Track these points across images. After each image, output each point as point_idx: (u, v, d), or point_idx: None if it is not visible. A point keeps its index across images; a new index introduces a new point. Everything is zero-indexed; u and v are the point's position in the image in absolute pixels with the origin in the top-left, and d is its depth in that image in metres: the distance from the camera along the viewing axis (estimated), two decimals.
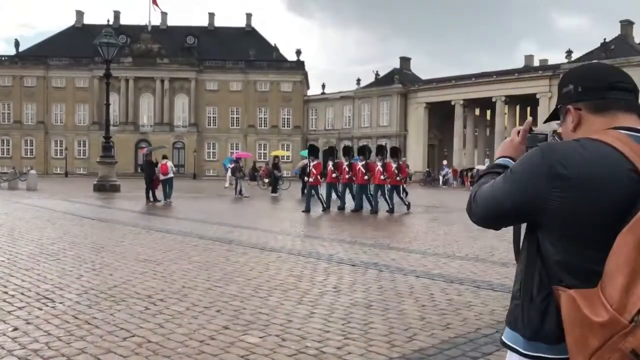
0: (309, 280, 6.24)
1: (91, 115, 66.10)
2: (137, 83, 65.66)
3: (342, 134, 65.92)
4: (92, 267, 6.83)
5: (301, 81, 68.50)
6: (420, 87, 60.24)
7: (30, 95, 66.01)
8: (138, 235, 9.79)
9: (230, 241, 9.29)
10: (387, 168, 15.57)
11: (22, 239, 9.11)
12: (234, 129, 67.88)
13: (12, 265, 6.81)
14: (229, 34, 72.57)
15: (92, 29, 69.53)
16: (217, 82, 67.30)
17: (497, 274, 6.74)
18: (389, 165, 15.76)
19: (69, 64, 66.11)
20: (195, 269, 6.75)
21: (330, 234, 10.48)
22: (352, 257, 7.76)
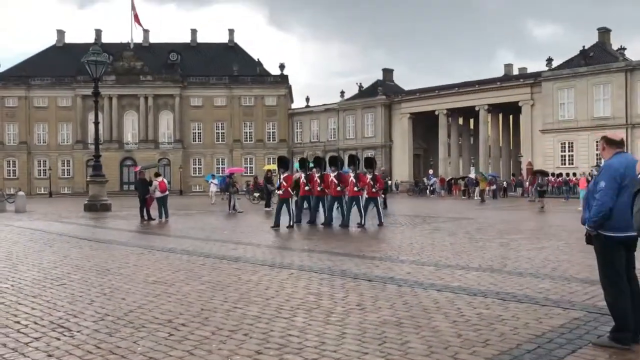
0: (329, 297, 6.09)
1: (74, 134, 65.36)
2: (120, 101, 65.15)
3: (327, 146, 65.93)
4: (101, 291, 6.61)
5: (285, 95, 68.57)
6: (404, 97, 60.56)
7: (12, 116, 65.14)
8: (141, 256, 9.56)
9: (237, 259, 9.10)
10: (360, 179, 14.79)
11: (22, 263, 8.84)
12: (220, 144, 67.62)
13: (18, 293, 6.57)
14: (212, 49, 72.53)
15: (73, 48, 69.09)
16: (202, 97, 67.10)
17: (517, 285, 6.65)
18: (362, 176, 15.03)
19: (51, 84, 65.44)
20: (210, 290, 6.57)
21: (335, 248, 10.33)
22: (365, 272, 7.63)
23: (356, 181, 14.65)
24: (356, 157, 16.11)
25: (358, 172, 15.18)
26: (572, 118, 46.22)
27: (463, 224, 15.62)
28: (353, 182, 14.65)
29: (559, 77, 46.91)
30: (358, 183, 14.63)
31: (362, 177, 14.92)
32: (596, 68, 44.88)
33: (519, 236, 12.16)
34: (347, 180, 14.93)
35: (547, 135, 47.50)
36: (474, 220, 17.13)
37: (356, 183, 14.62)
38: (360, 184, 14.66)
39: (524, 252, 9.47)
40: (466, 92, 54.19)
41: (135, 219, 18.25)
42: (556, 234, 12.69)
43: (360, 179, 14.75)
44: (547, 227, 14.43)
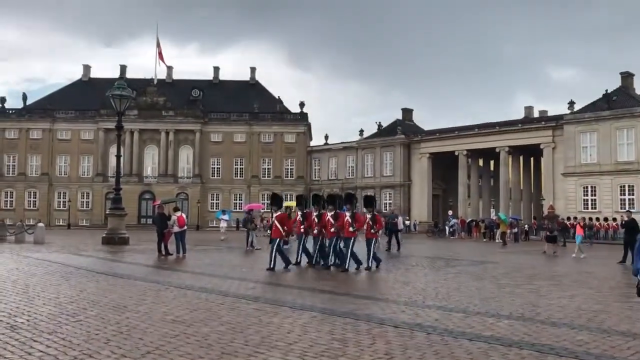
0: (355, 344, 5.79)
1: (95, 167, 66.18)
2: (142, 135, 66.06)
3: (345, 184, 65.78)
4: (118, 329, 6.39)
5: (304, 132, 69.01)
6: (423, 137, 60.49)
7: (36, 148, 66.30)
8: (159, 293, 9.34)
9: (256, 298, 8.84)
10: (357, 218, 13.83)
11: (38, 297, 8.67)
12: (238, 180, 67.90)
13: (33, 329, 6.37)
14: (233, 86, 73.68)
15: (98, 82, 70.69)
16: (222, 133, 67.79)
17: (552, 336, 6.29)
18: (359, 216, 14.11)
19: (74, 117, 66.75)
20: (230, 332, 6.31)
21: (358, 291, 10.02)
22: (391, 317, 7.31)
23: (352, 221, 13.71)
24: (354, 195, 15.26)
25: (355, 212, 14.12)
26: (594, 162, 45.61)
27: (488, 267, 15.20)
28: (348, 222, 13.71)
29: (581, 120, 46.54)
30: (354, 223, 13.71)
31: (358, 216, 14.02)
32: (619, 112, 44.47)
33: (547, 282, 11.73)
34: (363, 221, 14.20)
35: (569, 178, 46.86)
36: (498, 264, 16.68)
37: (352, 223, 13.69)
38: (357, 224, 13.76)
39: (555, 300, 9.07)
40: (486, 133, 53.97)
41: (153, 254, 18.10)
42: (586, 281, 12.23)
43: (357, 219, 13.85)
44: (576, 274, 13.94)
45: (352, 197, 14.63)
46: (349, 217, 13.70)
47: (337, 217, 13.91)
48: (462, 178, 56.62)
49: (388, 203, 62.21)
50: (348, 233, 13.68)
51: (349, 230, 13.65)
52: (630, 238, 17.27)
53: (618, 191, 44.32)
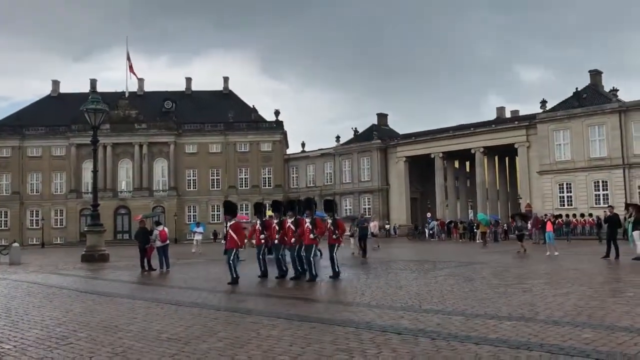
0: (361, 354, 5.63)
1: (68, 184, 64.94)
2: (115, 149, 65.08)
3: (323, 190, 65.72)
4: (112, 351, 6.12)
5: (280, 140, 68.82)
6: (399, 141, 60.82)
7: (5, 166, 64.80)
8: (149, 310, 9.05)
9: (249, 311, 8.62)
10: (317, 225, 12.98)
11: (22, 321, 8.31)
12: (215, 191, 67.30)
13: (22, 355, 6.06)
14: (206, 97, 73.20)
15: (68, 97, 69.55)
16: (196, 144, 67.21)
17: (558, 335, 6.22)
18: (319, 221, 13.26)
19: (45, 133, 65.47)
20: (229, 348, 6.09)
21: (351, 297, 9.86)
22: (392, 324, 7.17)
23: (312, 227, 12.85)
24: (312, 200, 14.18)
25: (315, 217, 13.20)
26: (569, 159, 46.37)
27: (476, 268, 15.18)
28: (309, 228, 12.86)
29: (554, 118, 47.31)
30: (314, 229, 12.86)
31: (319, 222, 13.16)
32: (590, 109, 45.35)
33: (538, 281, 11.74)
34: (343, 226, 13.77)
35: (545, 176, 47.54)
36: (485, 264, 16.70)
37: (312, 229, 12.83)
38: (317, 230, 12.93)
39: (550, 299, 9.05)
40: (461, 135, 54.52)
41: (136, 270, 17.69)
42: (576, 278, 12.28)
43: (317, 225, 12.98)
44: (564, 271, 14.00)
45: (311, 202, 13.63)
46: (309, 224, 12.91)
47: (297, 223, 13.20)
48: (439, 180, 57.03)
49: (367, 208, 62.32)
50: (308, 240, 12.90)
51: (309, 237, 12.87)
52: (613, 233, 17.50)
53: (592, 187, 45.09)
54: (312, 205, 13.41)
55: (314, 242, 12.94)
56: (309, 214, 13.10)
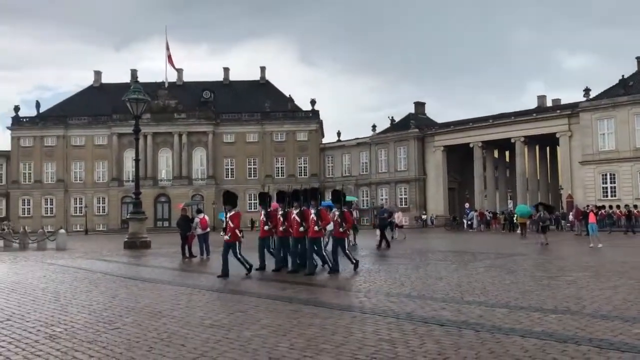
0: (404, 345, 5.60)
1: (110, 172, 66.58)
2: (155, 138, 66.35)
3: (359, 180, 65.66)
4: (158, 336, 6.25)
5: (316, 130, 68.90)
6: (437, 130, 60.08)
7: (51, 155, 66.86)
8: (191, 297, 9.21)
9: (290, 299, 8.69)
10: (323, 216, 12.30)
11: (70, 305, 8.57)
12: (252, 180, 67.94)
13: (72, 338, 6.24)
14: (244, 87, 73.74)
15: (109, 87, 71.11)
16: (234, 134, 67.90)
17: (607, 330, 6.06)
18: (325, 213, 12.53)
19: (87, 123, 67.20)
20: (272, 335, 6.15)
21: (391, 287, 9.82)
22: (434, 315, 7.12)
23: (317, 219, 12.15)
24: (318, 190, 13.39)
25: (320, 209, 12.50)
26: (613, 149, 45.01)
27: (517, 260, 14.93)
28: (314, 220, 12.16)
29: (597, 107, 45.93)
30: (320, 221, 12.16)
31: (324, 214, 12.46)
32: (637, 97, 43.81)
33: (583, 274, 11.46)
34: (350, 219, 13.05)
35: (587, 166, 46.28)
36: (526, 256, 16.40)
37: (317, 221, 12.13)
38: (323, 222, 12.25)
39: (597, 292, 8.82)
40: (501, 124, 53.47)
41: (177, 257, 18.03)
42: (624, 271, 11.93)
43: (323, 217, 12.31)
44: (609, 264, 13.64)
45: (316, 192, 12.91)
46: (314, 215, 12.20)
47: (303, 215, 12.47)
48: (478, 170, 56.19)
49: (403, 198, 61.98)
50: (313, 233, 12.19)
51: (314, 229, 12.16)
52: None
53: (638, 178, 43.69)
54: (317, 195, 12.74)
55: (320, 235, 12.37)
56: (314, 204, 12.43)
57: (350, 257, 12.81)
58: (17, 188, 66.26)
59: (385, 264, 14.41)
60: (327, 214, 12.56)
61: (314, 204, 12.43)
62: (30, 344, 5.93)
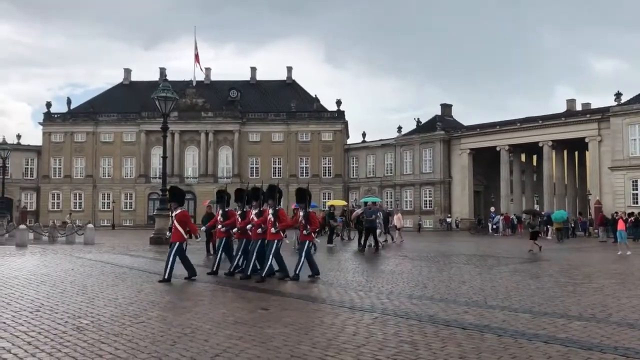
0: (426, 347, 5.61)
1: (138, 168, 67.55)
2: (182, 136, 67.14)
3: (384, 181, 65.45)
4: (182, 331, 6.35)
5: (341, 130, 68.91)
6: (464, 133, 59.53)
7: (80, 150, 68.15)
8: (215, 293, 9.33)
9: (313, 299, 8.74)
10: (281, 218, 11.19)
11: (97, 298, 8.75)
12: (276, 179, 68.09)
13: (98, 330, 6.39)
14: (270, 86, 74.13)
15: (138, 85, 72.18)
16: (260, 133, 68.33)
17: (634, 339, 5.98)
18: (284, 214, 11.46)
19: (116, 119, 68.31)
20: (294, 334, 6.20)
21: (414, 290, 9.79)
22: (456, 318, 7.09)
23: (274, 220, 11.10)
24: (277, 188, 11.81)
25: (278, 209, 11.35)
26: None
27: (542, 265, 14.76)
28: (271, 221, 11.11)
29: (629, 112, 44.97)
30: (277, 223, 11.09)
31: (283, 215, 11.32)
32: None
33: (609, 281, 11.27)
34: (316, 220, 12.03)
35: (617, 172, 45.34)
36: (551, 261, 16.19)
37: (274, 223, 11.07)
38: (281, 224, 11.14)
39: (624, 300, 8.68)
40: (529, 127, 52.72)
41: (202, 253, 18.23)
42: None
43: (281, 218, 11.19)
44: (638, 272, 13.38)
45: (274, 190, 11.56)
46: (271, 215, 11.14)
47: (261, 215, 11.48)
48: (504, 174, 55.51)
49: (428, 200, 61.60)
50: (270, 235, 11.13)
51: (271, 231, 11.10)
52: None
53: None
54: (275, 193, 11.44)
55: (278, 237, 11.17)
56: (271, 204, 11.35)
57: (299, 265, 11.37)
58: (47, 182, 67.69)
59: (408, 266, 14.36)
60: (286, 216, 11.44)
61: (271, 204, 11.33)
62: (58, 334, 6.09)
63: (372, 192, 62.63)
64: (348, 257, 17.80)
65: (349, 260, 16.67)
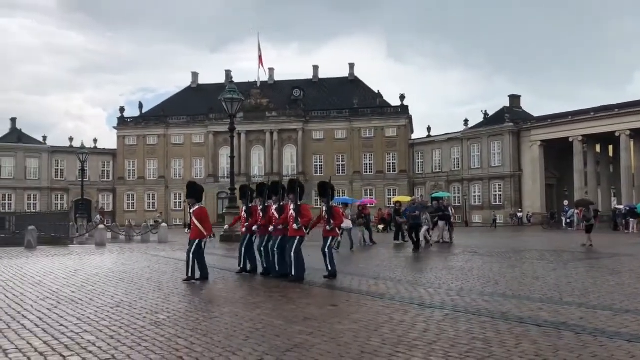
0: (499, 344, 5.46)
1: (206, 169, 69.58)
2: (248, 136, 68.57)
3: (450, 176, 64.28)
4: (254, 326, 6.48)
5: (405, 125, 68.24)
6: (534, 124, 57.55)
7: (152, 153, 70.96)
8: (284, 290, 9.47)
9: (382, 295, 8.70)
10: (303, 212, 10.47)
11: (172, 294, 9.06)
12: (340, 176, 68.35)
13: (175, 325, 6.61)
14: (333, 84, 74.39)
15: (206, 88, 74.26)
16: (323, 131, 68.74)
17: None
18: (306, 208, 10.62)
19: (186, 122, 70.67)
20: (364, 330, 6.20)
21: (485, 287, 9.57)
22: (530, 315, 6.87)
23: (296, 215, 10.43)
24: (297, 182, 11.03)
25: (300, 204, 10.59)
26: None
27: (623, 261, 14.04)
28: (293, 216, 10.46)
29: None
30: (299, 218, 10.42)
31: (305, 209, 10.58)
32: None
33: None
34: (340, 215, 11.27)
35: None
36: (632, 256, 15.39)
37: (296, 218, 10.41)
38: (303, 219, 10.43)
39: None
40: (604, 116, 50.32)
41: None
42: None
43: (303, 213, 10.47)
44: None
45: (294, 185, 10.83)
46: (293, 211, 10.51)
47: (282, 210, 10.97)
48: (578, 165, 53.27)
49: (497, 195, 60.05)
50: (292, 232, 10.53)
51: (292, 227, 10.49)
52: None
53: None
54: (296, 187, 10.75)
55: (300, 234, 10.50)
56: (292, 198, 10.70)
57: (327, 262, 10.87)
58: (122, 184, 70.90)
59: (478, 263, 14.05)
60: (308, 211, 10.62)
61: (292, 198, 10.65)
62: (137, 329, 6.36)
63: (439, 188, 61.59)
64: (415, 254, 17.61)
65: (416, 257, 16.49)
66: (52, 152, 69.62)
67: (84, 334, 6.09)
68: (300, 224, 10.38)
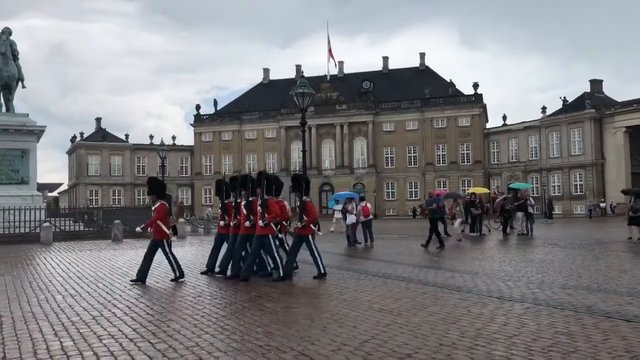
0: (585, 339, 5.26)
1: (279, 163, 70.76)
2: (319, 130, 69.07)
3: (528, 166, 62.02)
4: (331, 317, 6.57)
5: (479, 114, 66.42)
6: (617, 110, 54.47)
7: (227, 148, 73.06)
8: (359, 281, 9.52)
9: (458, 288, 8.57)
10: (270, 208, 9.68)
11: (250, 285, 9.32)
12: (412, 168, 67.65)
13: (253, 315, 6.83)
14: (403, 75, 73.53)
15: (277, 83, 75.42)
16: (393, 122, 68.17)
17: None
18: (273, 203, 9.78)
19: (259, 117, 72.18)
20: (441, 322, 6.14)
21: (567, 279, 9.21)
22: (618, 309, 6.56)
23: (263, 211, 9.63)
24: (264, 173, 10.22)
25: (266, 199, 9.73)
26: None
27: None
28: (259, 213, 9.69)
29: None
30: (266, 214, 9.59)
31: (272, 204, 9.68)
32: None
33: None
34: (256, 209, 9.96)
35: None
36: None
37: (263, 214, 9.61)
38: (269, 216, 9.58)
39: None
40: None
41: (342, 243, 18.68)
42: None
43: (270, 209, 9.60)
44: None
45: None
46: (260, 206, 9.71)
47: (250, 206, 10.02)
48: None
49: (578, 184, 57.42)
50: (259, 230, 9.73)
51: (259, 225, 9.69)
52: None
53: None
54: (262, 181, 9.84)
55: (268, 232, 9.74)
56: (259, 192, 9.83)
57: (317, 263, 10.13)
58: (200, 179, 73.42)
59: (559, 255, 13.52)
60: (276, 206, 9.75)
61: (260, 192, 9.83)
62: (219, 319, 6.60)
63: (516, 178, 59.57)
64: (492, 246, 17.19)
65: (493, 249, 16.10)
66: (134, 150, 73.07)
67: (169, 322, 6.39)
68: (267, 220, 9.58)
